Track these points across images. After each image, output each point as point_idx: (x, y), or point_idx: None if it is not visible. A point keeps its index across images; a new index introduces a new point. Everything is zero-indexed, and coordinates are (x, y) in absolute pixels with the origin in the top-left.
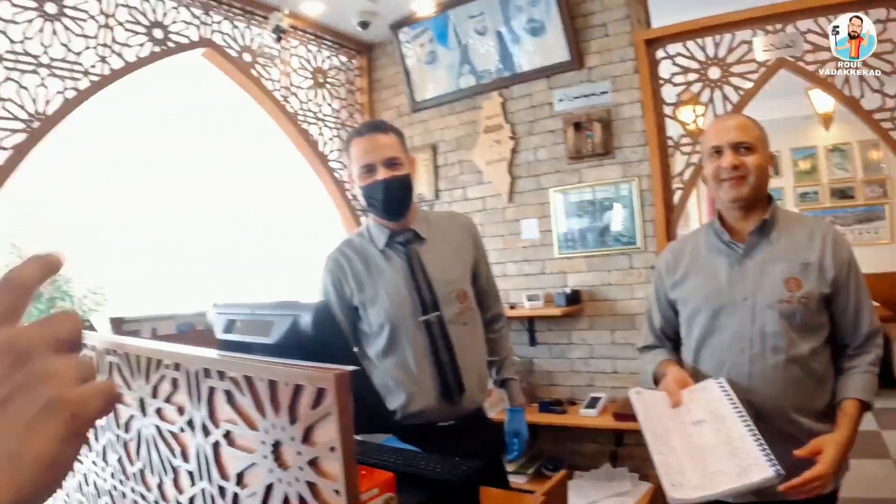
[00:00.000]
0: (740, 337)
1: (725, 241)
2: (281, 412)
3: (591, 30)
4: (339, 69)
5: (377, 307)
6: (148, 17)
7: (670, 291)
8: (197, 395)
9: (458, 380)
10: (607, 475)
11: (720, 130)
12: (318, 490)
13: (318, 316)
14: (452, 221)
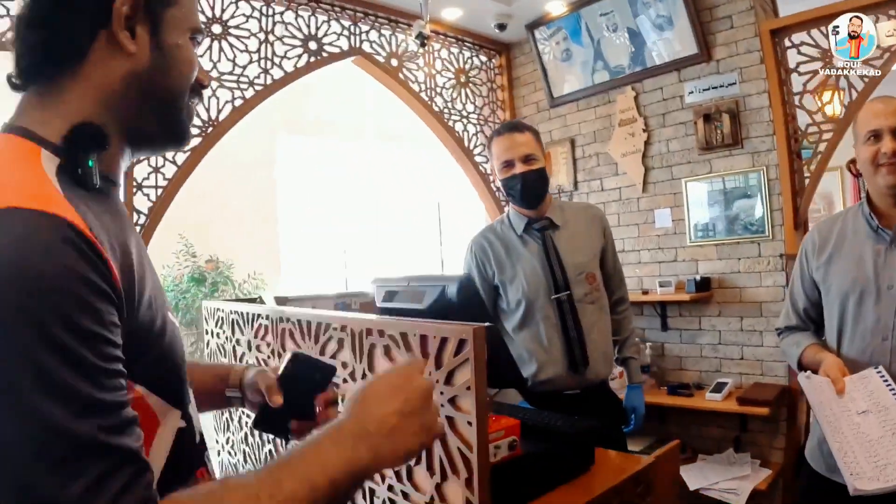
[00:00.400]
0: (884, 325)
1: (874, 226)
2: (430, 361)
3: (717, 22)
4: (480, 68)
5: (515, 286)
6: (303, 31)
7: (815, 272)
8: (360, 351)
9: (584, 353)
10: (729, 460)
11: (879, 114)
12: (455, 423)
13: (462, 285)
14: (585, 212)
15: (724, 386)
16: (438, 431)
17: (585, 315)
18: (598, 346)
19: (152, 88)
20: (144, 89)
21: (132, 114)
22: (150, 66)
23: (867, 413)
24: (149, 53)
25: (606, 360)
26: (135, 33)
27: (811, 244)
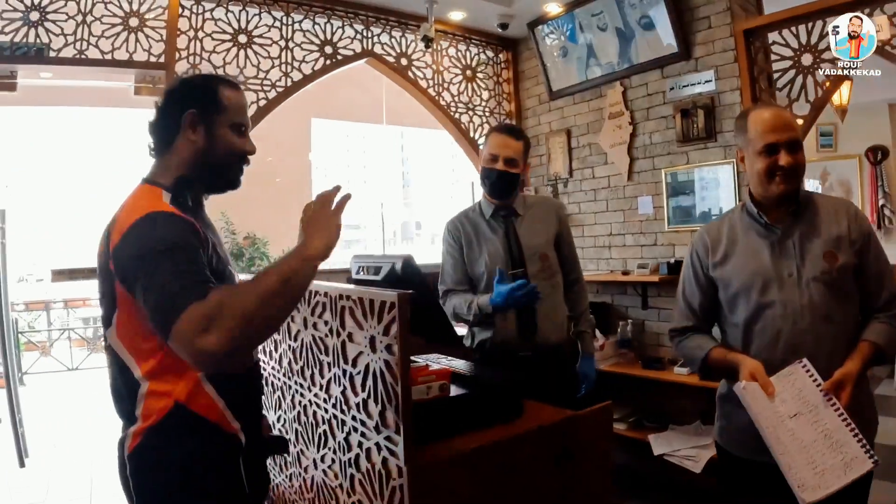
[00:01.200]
0: (792, 310)
1: (764, 223)
2: (374, 318)
3: (697, 22)
4: (487, 63)
5: (480, 261)
6: (319, 37)
7: (711, 270)
8: (334, 311)
9: (533, 321)
10: (696, 431)
11: (776, 128)
12: (390, 364)
13: (405, 262)
14: (544, 203)
15: None
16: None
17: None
18: (547, 315)
19: (207, 159)
20: (203, 160)
21: (202, 172)
22: (205, 147)
23: (798, 416)
24: (204, 139)
25: (556, 328)
26: (196, 129)
27: (702, 245)
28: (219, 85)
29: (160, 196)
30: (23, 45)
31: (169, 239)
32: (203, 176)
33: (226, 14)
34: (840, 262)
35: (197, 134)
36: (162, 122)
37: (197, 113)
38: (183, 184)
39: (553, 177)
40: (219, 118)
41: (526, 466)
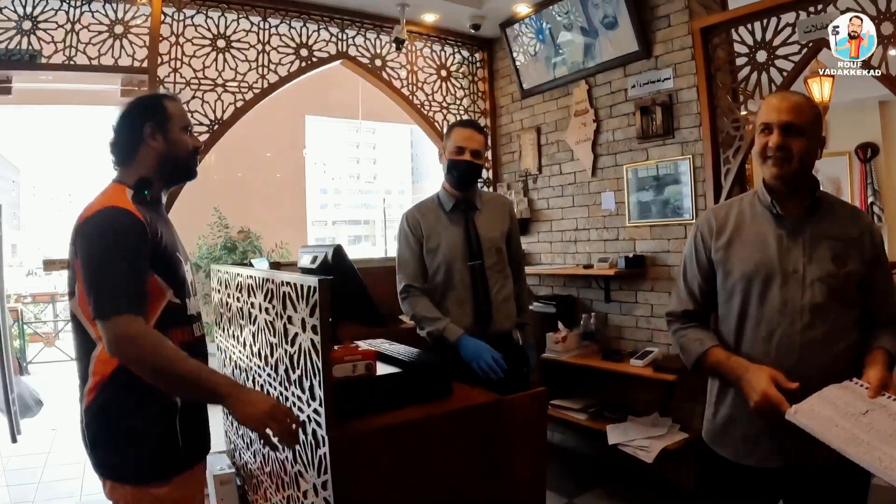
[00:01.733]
0: (792, 308)
1: (776, 213)
2: (304, 302)
3: (657, 21)
4: (462, 63)
5: (438, 252)
6: (295, 41)
7: (713, 254)
8: (279, 297)
9: (489, 310)
10: (653, 422)
11: (774, 109)
12: (315, 343)
13: (335, 252)
14: (498, 199)
15: (648, 354)
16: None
17: (492, 280)
18: (501, 305)
19: (167, 159)
20: (164, 160)
21: (162, 171)
22: (166, 149)
23: (870, 412)
24: (164, 144)
25: (508, 317)
26: (156, 137)
27: (707, 227)
28: (162, 99)
29: (124, 192)
30: (17, 52)
31: (119, 240)
32: (167, 173)
33: (205, 20)
34: (848, 268)
35: (157, 140)
36: (122, 138)
37: (154, 124)
38: (143, 183)
39: (524, 173)
40: (170, 125)
41: (450, 445)
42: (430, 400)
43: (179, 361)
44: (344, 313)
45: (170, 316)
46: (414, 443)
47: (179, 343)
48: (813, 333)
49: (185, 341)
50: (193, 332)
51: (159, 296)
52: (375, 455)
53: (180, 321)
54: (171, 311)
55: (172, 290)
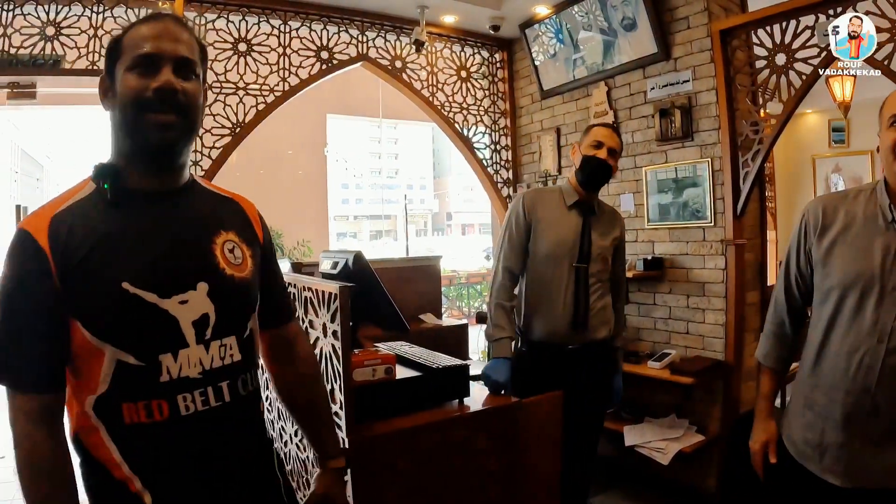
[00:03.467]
0: (881, 327)
1: (889, 219)
2: (325, 307)
3: (676, 23)
4: (482, 63)
5: (548, 238)
6: (315, 43)
7: (813, 249)
8: (300, 301)
9: (586, 317)
10: (670, 424)
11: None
12: (336, 347)
13: (355, 258)
14: (613, 212)
15: (666, 356)
16: None
17: (594, 287)
18: (598, 314)
19: (117, 123)
20: (116, 126)
21: (121, 145)
22: (113, 111)
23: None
24: (111, 103)
25: (604, 325)
26: (107, 96)
27: (814, 220)
28: (126, 32)
29: (77, 192)
30: (41, 58)
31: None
32: (123, 149)
33: (227, 24)
34: None
35: (109, 101)
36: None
37: (105, 76)
38: (100, 172)
39: (543, 173)
40: (118, 66)
41: (467, 447)
42: (448, 402)
43: (48, 497)
44: (364, 317)
45: (121, 383)
46: (431, 445)
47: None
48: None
49: (148, 424)
50: (174, 407)
51: (91, 353)
52: (393, 457)
53: (141, 392)
54: (122, 374)
55: (112, 343)
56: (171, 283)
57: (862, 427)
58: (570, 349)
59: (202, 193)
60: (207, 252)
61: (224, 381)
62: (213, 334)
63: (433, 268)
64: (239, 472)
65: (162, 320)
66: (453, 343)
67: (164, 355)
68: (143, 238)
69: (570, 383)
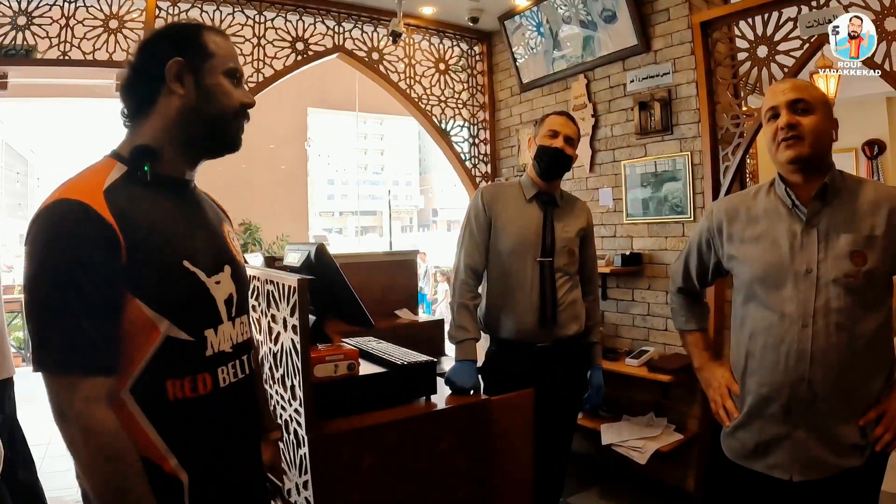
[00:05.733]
0: (803, 312)
1: (790, 205)
2: (285, 301)
3: (656, 15)
4: (461, 56)
5: (508, 235)
6: (291, 34)
7: (720, 250)
8: (262, 294)
9: (554, 312)
10: (648, 422)
11: (776, 92)
12: (295, 342)
13: (317, 251)
14: (577, 202)
15: (644, 353)
16: None
17: (560, 281)
18: (567, 309)
19: (199, 115)
20: (193, 116)
21: (188, 134)
22: (195, 101)
23: None
24: (194, 93)
25: (575, 319)
26: (183, 82)
27: (717, 224)
28: (203, 30)
29: (106, 171)
30: (12, 48)
31: (62, 259)
32: (195, 137)
33: (200, 14)
34: (868, 265)
35: (185, 87)
36: (138, 80)
37: (183, 61)
38: (141, 153)
39: (522, 168)
40: (208, 65)
41: (434, 446)
42: (414, 399)
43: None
44: (329, 311)
45: (168, 359)
46: (396, 443)
47: (184, 401)
48: (828, 341)
49: (193, 399)
50: (216, 380)
51: (145, 330)
52: (356, 455)
53: (188, 367)
54: (170, 351)
55: (169, 319)
56: (211, 264)
57: (802, 416)
58: (540, 347)
59: (199, 189)
60: (225, 239)
61: (245, 355)
62: (235, 312)
63: (410, 262)
64: (255, 441)
65: (207, 298)
66: (429, 339)
67: (208, 330)
68: (188, 221)
69: (542, 382)
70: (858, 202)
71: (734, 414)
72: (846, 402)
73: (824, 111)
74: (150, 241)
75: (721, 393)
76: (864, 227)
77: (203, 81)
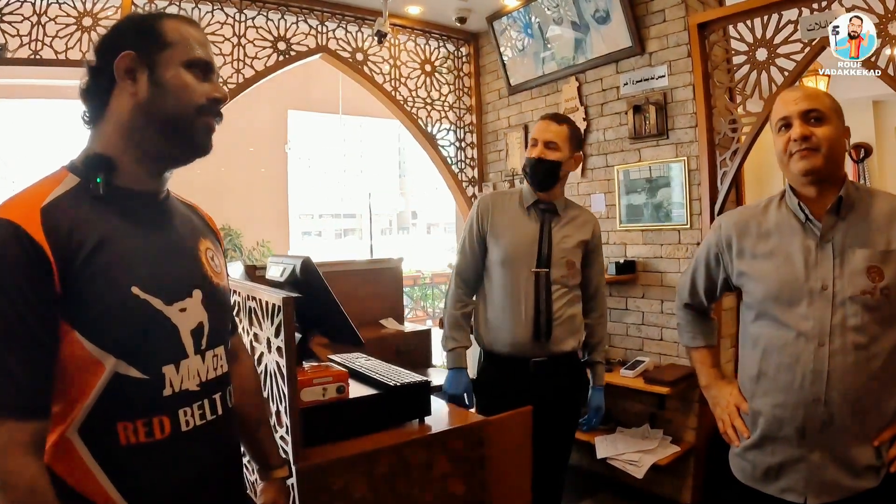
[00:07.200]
0: (819, 330)
1: (803, 219)
2: (268, 320)
3: (651, 16)
4: (447, 57)
5: (502, 245)
6: (272, 33)
7: (730, 266)
8: (245, 311)
9: (549, 326)
10: (643, 434)
11: (788, 101)
12: (280, 366)
13: (303, 264)
14: (583, 213)
15: (639, 364)
16: None
17: (557, 294)
18: (564, 324)
19: (154, 113)
20: (148, 116)
21: (143, 138)
22: (148, 98)
23: None
24: (147, 89)
25: (572, 334)
26: (136, 78)
27: (727, 240)
28: (161, 18)
29: (55, 185)
30: None
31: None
32: (155, 140)
33: (178, 12)
34: (885, 281)
35: (137, 83)
36: (93, 81)
37: (134, 55)
38: (93, 164)
39: (510, 172)
40: (164, 56)
41: (429, 470)
42: (407, 422)
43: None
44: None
45: (117, 399)
46: (389, 470)
47: (137, 447)
48: (845, 361)
49: (147, 444)
50: (175, 423)
51: (86, 367)
52: (347, 484)
53: (141, 408)
54: (119, 390)
55: (115, 355)
56: (173, 290)
57: (818, 439)
58: (535, 362)
59: (175, 200)
60: (197, 259)
61: (217, 393)
62: (207, 344)
63: (394, 270)
64: (228, 490)
65: (166, 329)
66: (416, 349)
67: (167, 366)
68: (144, 241)
69: (536, 399)
70: (873, 215)
71: (744, 433)
72: (861, 423)
73: (838, 120)
74: (92, 266)
75: (730, 412)
76: (880, 242)
77: (159, 76)
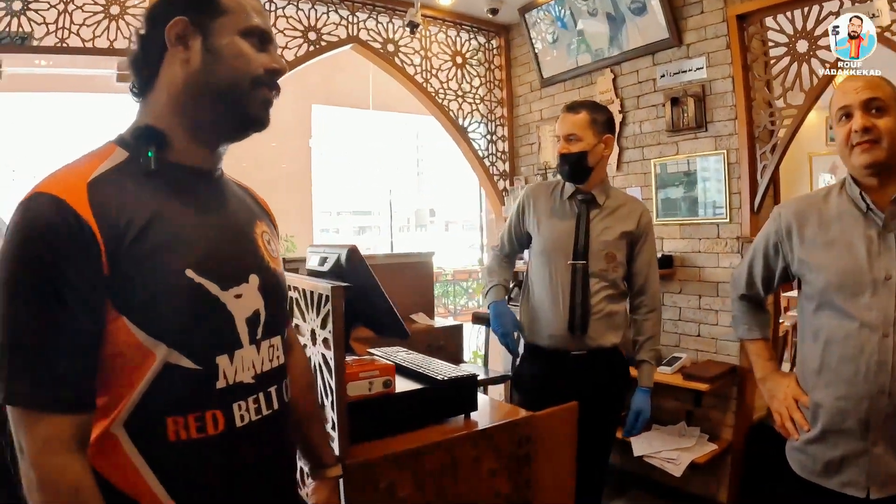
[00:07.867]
0: (884, 321)
1: (864, 208)
2: (314, 310)
3: (689, 7)
4: (478, 49)
5: (541, 238)
6: (303, 23)
7: (790, 255)
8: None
9: (584, 320)
10: (680, 432)
11: (848, 91)
12: (327, 358)
13: (349, 254)
14: (629, 202)
15: (676, 360)
16: None
17: (596, 288)
18: (603, 319)
19: (207, 83)
20: (200, 86)
21: (196, 109)
22: (202, 66)
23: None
24: (200, 57)
25: (611, 330)
26: (188, 45)
27: (786, 224)
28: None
29: (103, 158)
30: (6, 35)
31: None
32: (206, 113)
33: None
34: None
35: (190, 50)
36: (143, 50)
37: (186, 20)
38: (144, 136)
39: (543, 166)
40: (219, 23)
41: (475, 468)
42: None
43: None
44: (358, 320)
45: (168, 391)
46: (436, 467)
47: (188, 443)
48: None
49: (199, 441)
50: (230, 418)
51: (136, 356)
52: (393, 481)
53: (193, 401)
54: (170, 382)
55: (167, 343)
56: (229, 274)
57: (882, 431)
58: (574, 356)
59: (229, 180)
60: (254, 242)
61: (273, 386)
62: (263, 333)
63: (425, 265)
64: (283, 492)
65: (220, 316)
66: (447, 344)
67: (221, 357)
68: (198, 220)
69: (575, 394)
70: None
71: (804, 426)
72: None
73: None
74: (143, 246)
75: (788, 405)
76: None
77: (213, 43)
